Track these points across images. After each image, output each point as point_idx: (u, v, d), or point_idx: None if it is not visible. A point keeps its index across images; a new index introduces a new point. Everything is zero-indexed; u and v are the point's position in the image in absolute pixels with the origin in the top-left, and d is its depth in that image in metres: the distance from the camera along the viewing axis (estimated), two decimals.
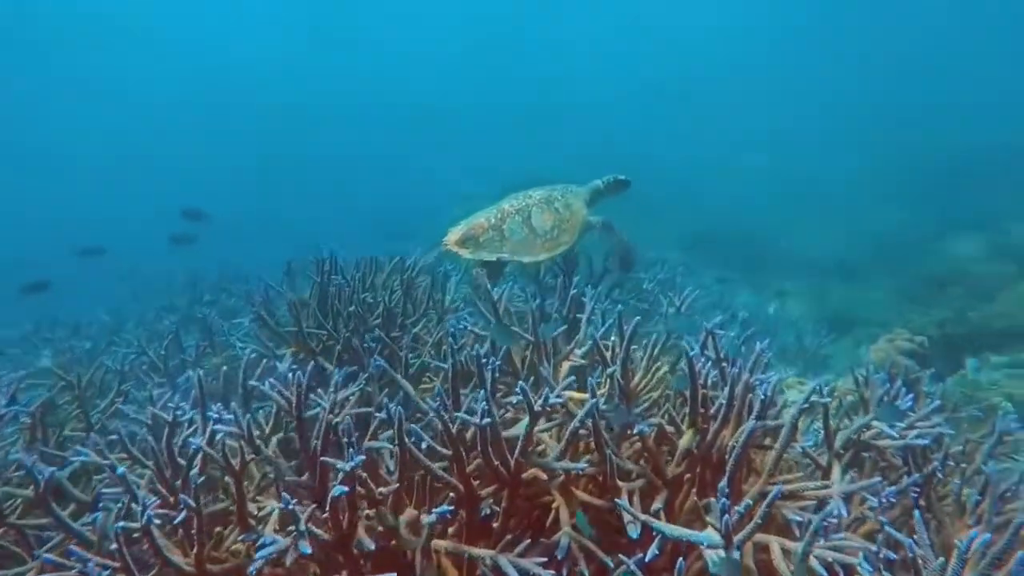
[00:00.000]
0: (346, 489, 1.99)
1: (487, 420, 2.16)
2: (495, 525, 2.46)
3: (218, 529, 2.45)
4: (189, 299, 6.77)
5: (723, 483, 1.87)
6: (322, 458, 2.19)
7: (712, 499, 2.38)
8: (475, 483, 2.44)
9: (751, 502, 1.84)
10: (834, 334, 9.58)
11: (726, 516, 1.80)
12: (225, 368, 4.50)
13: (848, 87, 30.68)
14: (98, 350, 5.46)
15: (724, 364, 3.08)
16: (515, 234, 3.64)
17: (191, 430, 2.70)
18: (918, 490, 2.68)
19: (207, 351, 4.77)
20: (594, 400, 2.30)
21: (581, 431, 2.35)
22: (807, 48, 33.35)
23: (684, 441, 2.57)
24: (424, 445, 2.23)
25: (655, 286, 5.35)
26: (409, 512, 2.45)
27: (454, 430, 2.26)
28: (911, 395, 2.82)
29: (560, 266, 4.50)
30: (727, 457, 2.51)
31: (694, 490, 2.76)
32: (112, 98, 37.80)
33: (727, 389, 2.60)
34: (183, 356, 4.68)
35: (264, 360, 4.28)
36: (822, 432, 2.77)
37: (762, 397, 2.35)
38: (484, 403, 2.13)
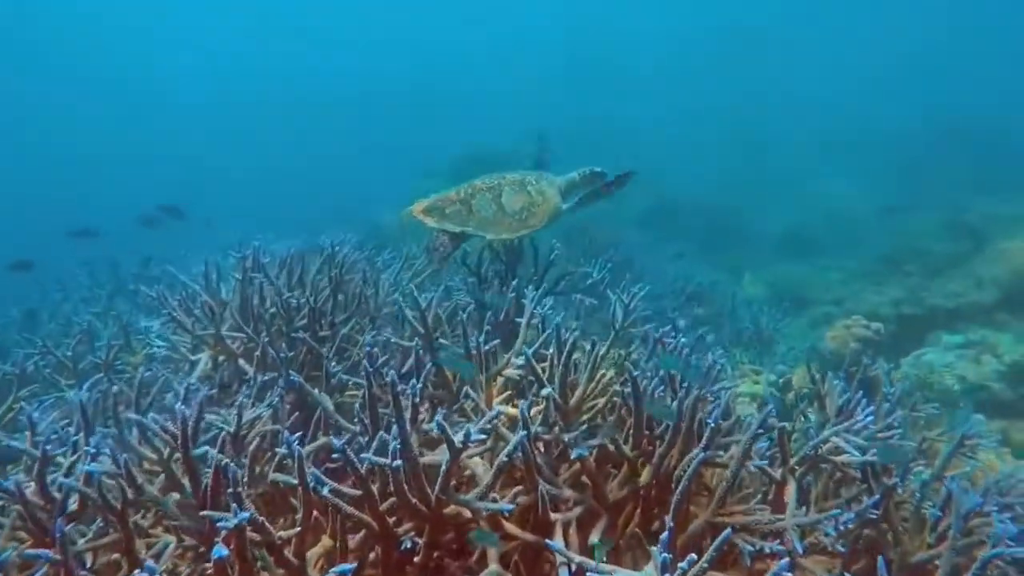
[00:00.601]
0: (224, 552, 1.68)
1: (398, 463, 1.86)
2: (416, 559, 2.21)
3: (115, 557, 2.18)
4: (111, 290, 6.29)
5: (665, 535, 1.61)
6: (203, 512, 1.87)
7: (661, 525, 2.15)
8: (392, 519, 2.17)
9: (695, 557, 1.59)
10: (789, 316, 9.58)
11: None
12: (143, 370, 4.14)
13: (804, 59, 30.63)
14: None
15: (677, 374, 2.86)
16: (483, 210, 3.61)
17: (73, 459, 2.37)
18: (876, 512, 2.49)
19: (122, 350, 4.37)
20: (524, 433, 2.02)
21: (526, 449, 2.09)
22: (765, 19, 33.09)
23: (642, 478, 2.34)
24: (326, 490, 1.92)
25: (606, 274, 5.11)
26: (316, 549, 2.18)
27: (362, 470, 1.97)
28: (870, 408, 2.60)
29: (503, 258, 4.20)
30: (673, 484, 2.28)
31: (639, 512, 2.56)
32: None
33: (676, 406, 2.36)
34: (94, 356, 4.26)
35: (182, 364, 3.94)
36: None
37: (711, 424, 2.09)
38: (397, 441, 1.84)
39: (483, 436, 2.07)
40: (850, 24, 32.86)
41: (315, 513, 2.15)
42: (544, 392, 2.37)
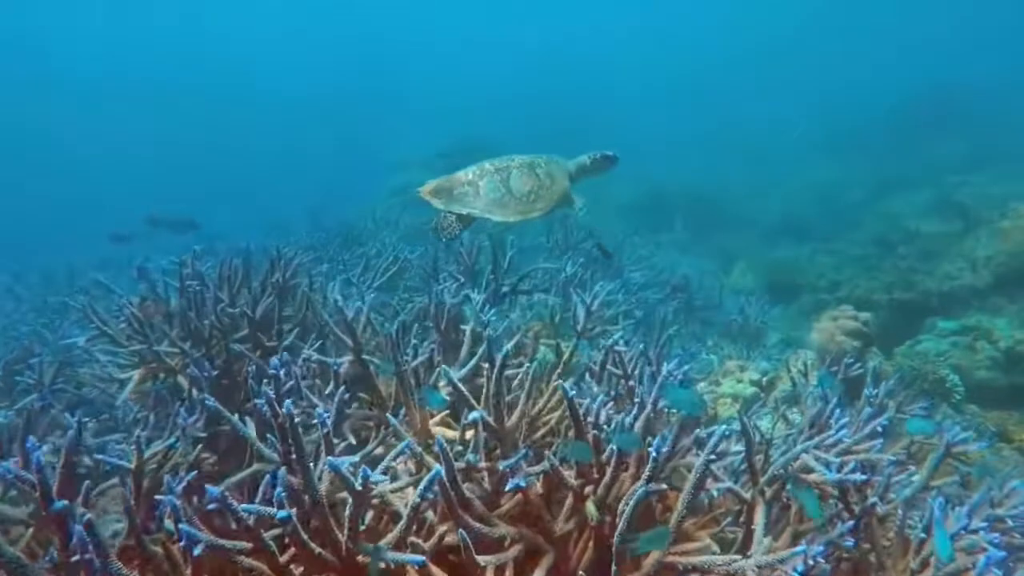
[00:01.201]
0: None
1: (284, 513, 1.60)
2: None
3: None
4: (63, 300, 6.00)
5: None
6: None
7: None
8: (300, 571, 1.91)
9: None
10: (781, 304, 9.31)
11: None
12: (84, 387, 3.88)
13: (785, 35, 30.14)
14: None
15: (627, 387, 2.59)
16: (491, 192, 3.57)
17: None
18: (851, 539, 2.22)
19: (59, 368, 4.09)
20: (437, 470, 1.75)
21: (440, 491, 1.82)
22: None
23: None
24: (199, 549, 1.65)
25: (579, 269, 4.84)
26: None
27: (250, 522, 1.70)
28: (844, 420, 2.33)
29: (464, 260, 3.93)
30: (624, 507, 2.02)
31: (591, 547, 2.30)
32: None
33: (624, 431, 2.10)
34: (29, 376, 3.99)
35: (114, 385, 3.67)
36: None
37: (654, 455, 1.83)
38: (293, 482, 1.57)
39: (382, 479, 1.79)
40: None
41: None
42: (472, 416, 2.10)
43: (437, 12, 39.73)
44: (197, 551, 1.63)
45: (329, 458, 1.65)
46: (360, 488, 1.70)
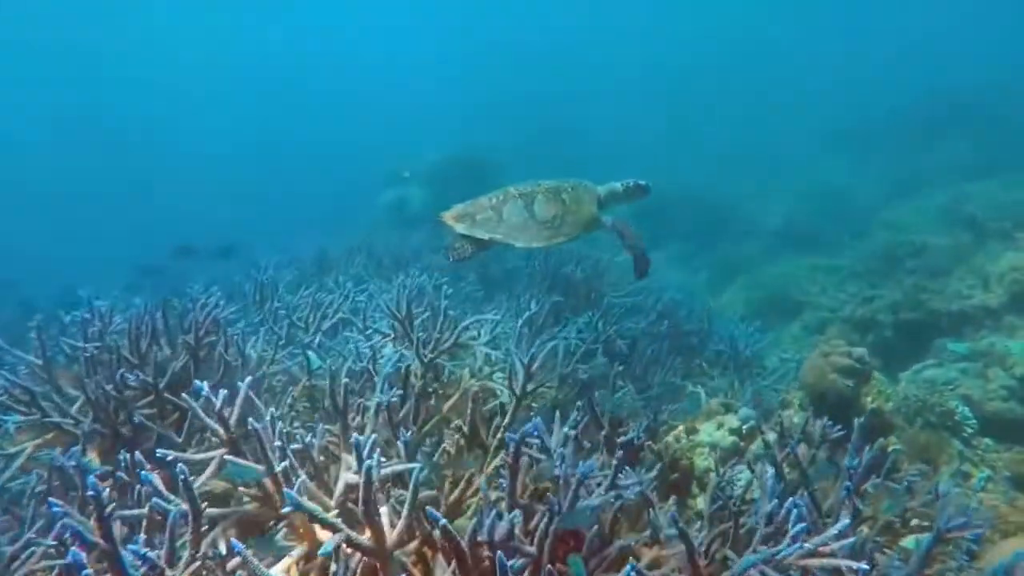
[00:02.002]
0: None
1: None
2: None
3: None
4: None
5: None
6: None
7: None
8: None
9: None
10: (782, 322, 8.84)
11: None
12: None
13: (789, 32, 29.43)
14: None
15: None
16: (513, 217, 3.55)
17: None
18: None
19: None
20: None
21: None
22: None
23: None
24: None
25: (543, 307, 4.44)
26: None
27: None
28: (801, 525, 1.90)
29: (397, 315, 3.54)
30: None
31: None
32: None
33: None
34: None
35: None
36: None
37: None
38: None
39: None
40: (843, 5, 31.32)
41: None
42: (324, 550, 1.69)
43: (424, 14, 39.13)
44: None
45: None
46: None
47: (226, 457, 2.14)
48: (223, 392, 2.17)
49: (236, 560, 1.84)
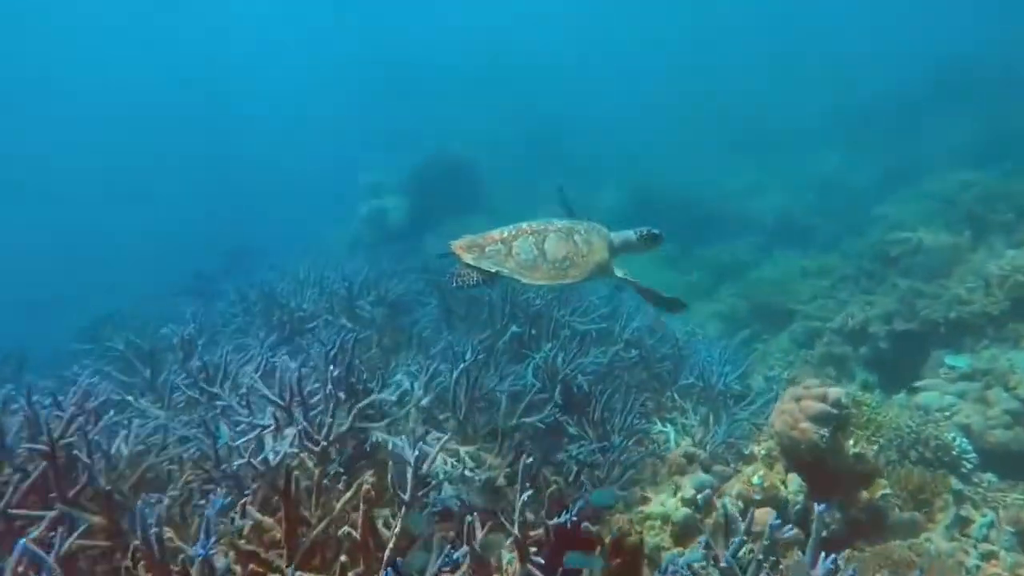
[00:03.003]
0: None
1: None
2: None
3: None
4: None
5: None
6: None
7: None
8: None
9: None
10: (771, 331, 8.29)
11: None
12: None
13: (790, 26, 28.30)
14: None
15: None
16: (523, 253, 3.56)
17: None
18: None
19: None
20: None
21: None
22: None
23: None
24: None
25: (477, 356, 3.92)
26: None
27: None
28: None
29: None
30: None
31: None
32: None
33: None
34: None
35: None
36: None
37: None
38: None
39: None
40: None
41: None
42: None
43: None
44: None
45: None
46: None
47: None
48: None
49: None
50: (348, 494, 3.05)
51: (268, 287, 6.95)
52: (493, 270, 3.51)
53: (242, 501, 2.67)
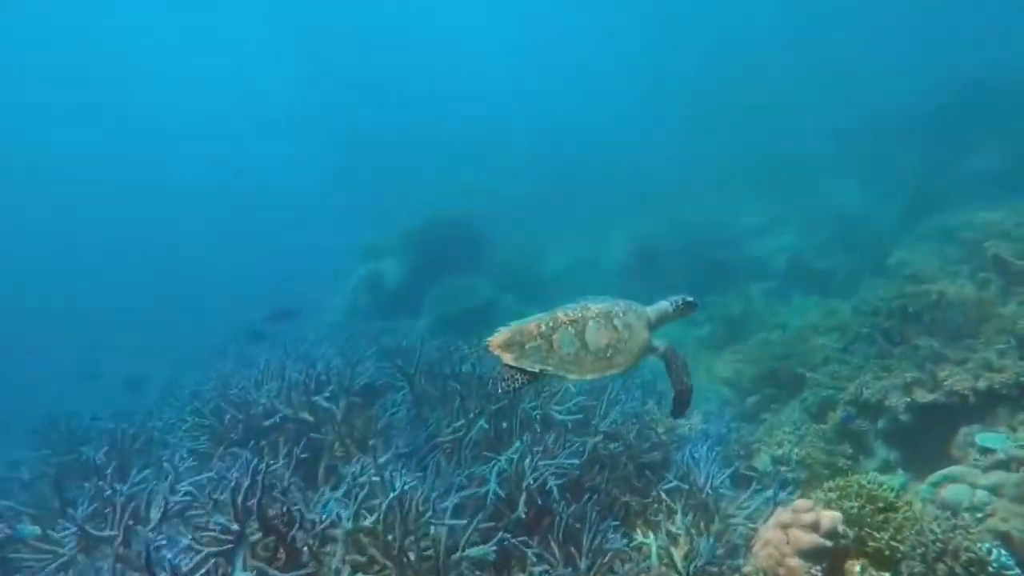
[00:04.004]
0: None
1: None
2: None
3: None
4: None
5: None
6: None
7: None
8: None
9: None
10: (781, 399, 7.54)
11: None
12: None
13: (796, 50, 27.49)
14: None
15: None
16: (565, 346, 3.40)
17: None
18: None
19: None
20: None
21: None
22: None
23: None
24: None
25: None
26: None
27: None
28: None
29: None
30: None
31: None
32: None
33: None
34: None
35: None
36: None
37: None
38: None
39: None
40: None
41: None
42: None
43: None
44: None
45: None
46: None
47: None
48: None
49: None
50: None
51: (223, 382, 6.47)
52: (537, 369, 3.36)
53: None
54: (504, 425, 5.41)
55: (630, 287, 10.90)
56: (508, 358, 3.38)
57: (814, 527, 3.38)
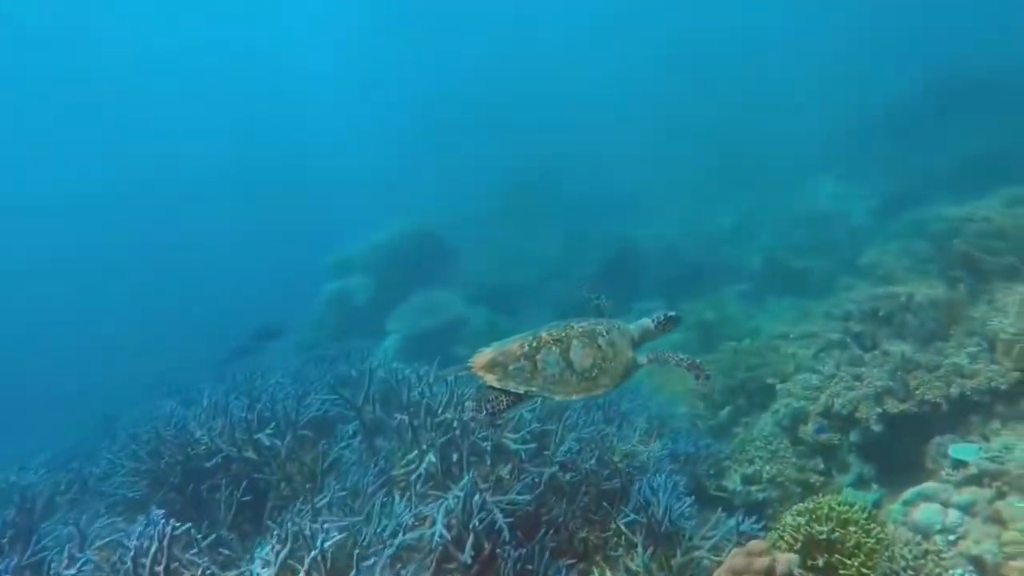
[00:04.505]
0: None
1: None
2: None
3: None
4: None
5: None
6: None
7: None
8: None
9: None
10: (753, 411, 7.29)
11: None
12: None
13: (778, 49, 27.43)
14: None
15: None
16: (549, 367, 3.34)
17: None
18: None
19: None
20: None
21: None
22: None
23: None
24: None
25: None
26: None
27: None
28: None
29: None
30: None
31: None
32: None
33: None
34: None
35: None
36: None
37: None
38: None
39: None
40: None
41: None
42: None
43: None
44: None
45: None
46: None
47: None
48: None
49: None
50: None
51: (163, 421, 6.11)
52: (522, 390, 3.30)
53: None
54: (455, 457, 5.13)
55: (606, 293, 10.68)
56: (491, 380, 3.32)
57: (768, 572, 3.11)
